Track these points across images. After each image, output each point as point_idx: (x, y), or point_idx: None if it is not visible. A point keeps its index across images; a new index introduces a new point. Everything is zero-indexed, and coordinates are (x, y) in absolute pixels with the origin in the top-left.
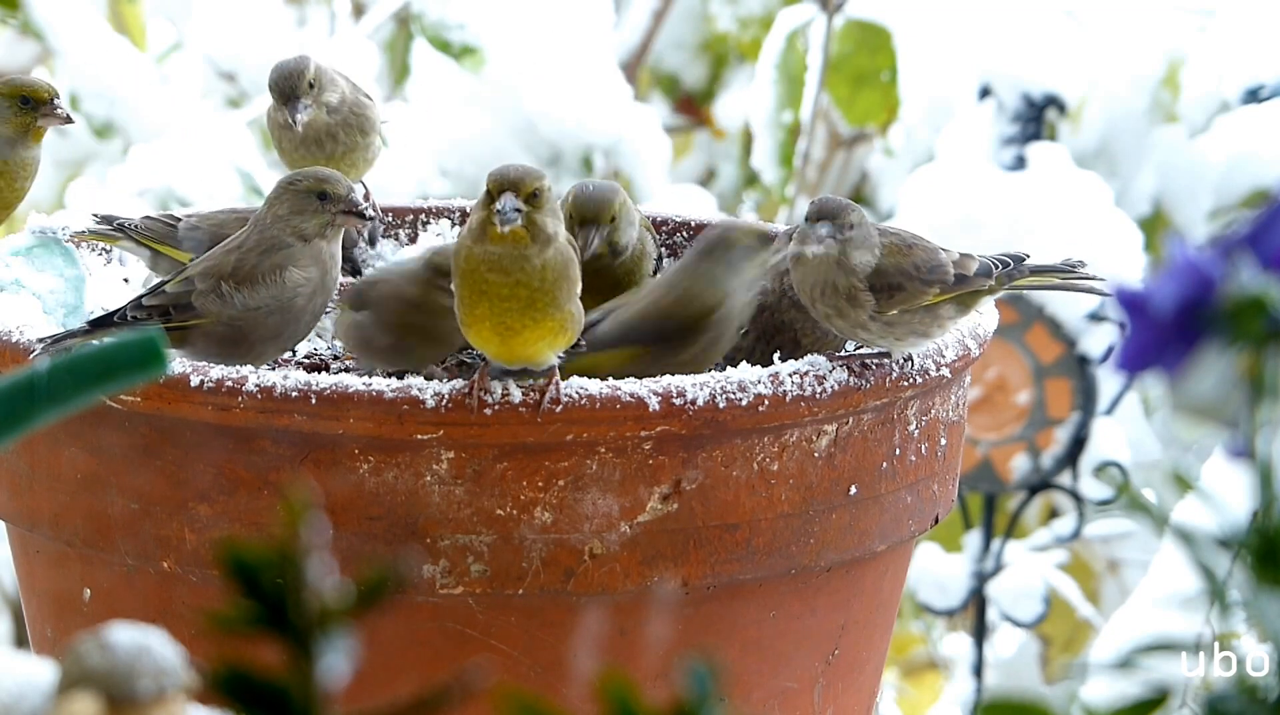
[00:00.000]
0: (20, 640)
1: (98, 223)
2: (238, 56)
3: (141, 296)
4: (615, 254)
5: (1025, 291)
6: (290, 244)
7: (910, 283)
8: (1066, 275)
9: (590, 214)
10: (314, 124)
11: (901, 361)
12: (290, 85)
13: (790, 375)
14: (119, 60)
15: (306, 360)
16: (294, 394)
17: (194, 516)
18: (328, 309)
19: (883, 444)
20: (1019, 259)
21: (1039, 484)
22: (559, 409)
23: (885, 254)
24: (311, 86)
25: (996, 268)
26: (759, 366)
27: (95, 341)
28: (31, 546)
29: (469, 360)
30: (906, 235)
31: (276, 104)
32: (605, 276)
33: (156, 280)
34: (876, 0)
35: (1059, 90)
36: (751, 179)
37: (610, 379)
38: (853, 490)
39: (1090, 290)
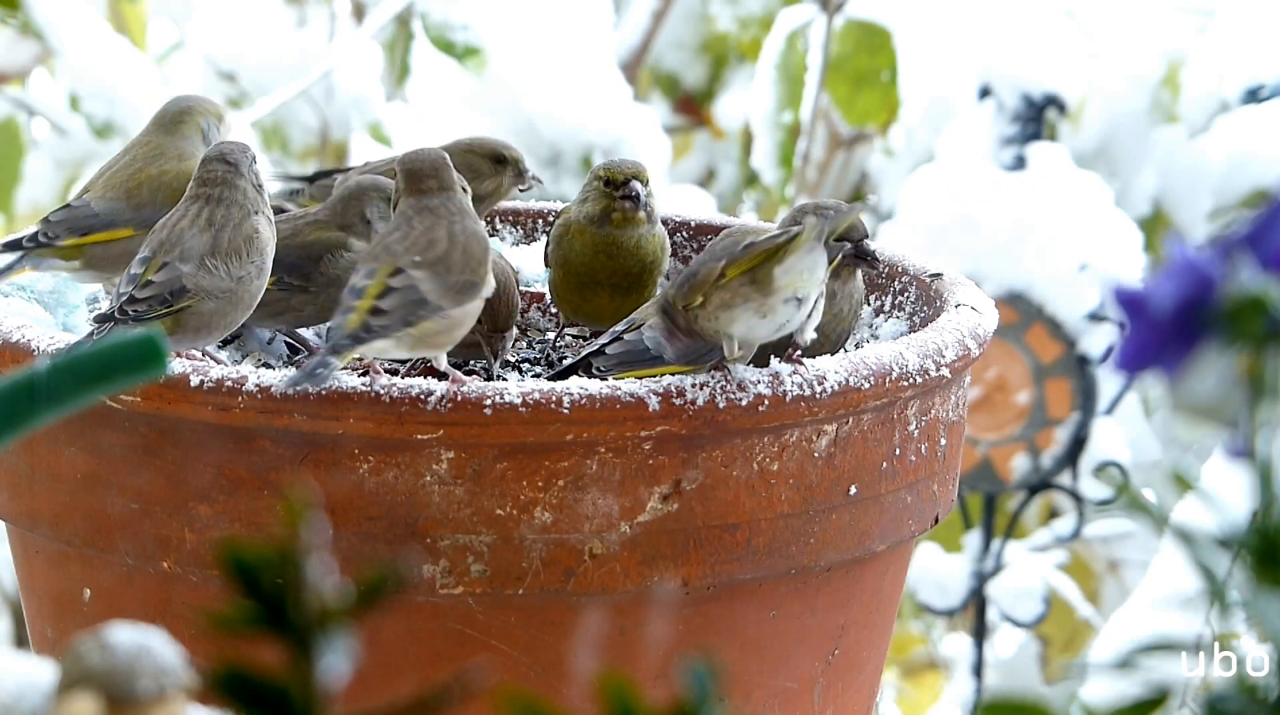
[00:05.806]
0: (20, 640)
1: None
2: (238, 56)
3: (126, 293)
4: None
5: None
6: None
7: (701, 269)
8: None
9: (631, 171)
10: None
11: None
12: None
13: (790, 375)
14: (119, 60)
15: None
16: (293, 394)
17: (194, 516)
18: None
19: (883, 444)
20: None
21: (1039, 484)
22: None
23: (683, 276)
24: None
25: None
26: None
27: (95, 341)
28: (31, 546)
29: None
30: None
31: None
32: (629, 260)
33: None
34: (876, 0)
35: (1059, 90)
36: (751, 179)
37: None
38: (853, 490)
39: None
